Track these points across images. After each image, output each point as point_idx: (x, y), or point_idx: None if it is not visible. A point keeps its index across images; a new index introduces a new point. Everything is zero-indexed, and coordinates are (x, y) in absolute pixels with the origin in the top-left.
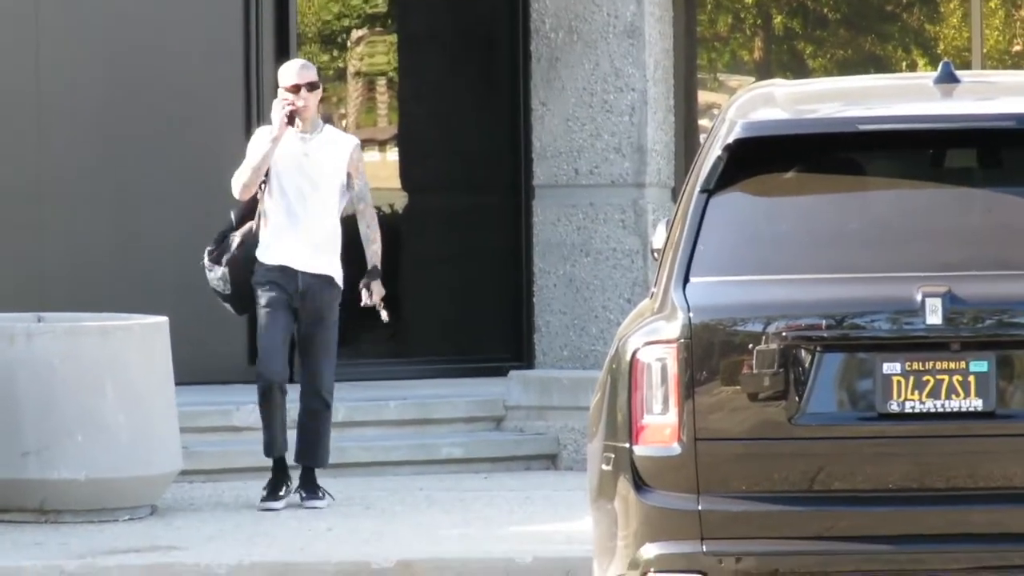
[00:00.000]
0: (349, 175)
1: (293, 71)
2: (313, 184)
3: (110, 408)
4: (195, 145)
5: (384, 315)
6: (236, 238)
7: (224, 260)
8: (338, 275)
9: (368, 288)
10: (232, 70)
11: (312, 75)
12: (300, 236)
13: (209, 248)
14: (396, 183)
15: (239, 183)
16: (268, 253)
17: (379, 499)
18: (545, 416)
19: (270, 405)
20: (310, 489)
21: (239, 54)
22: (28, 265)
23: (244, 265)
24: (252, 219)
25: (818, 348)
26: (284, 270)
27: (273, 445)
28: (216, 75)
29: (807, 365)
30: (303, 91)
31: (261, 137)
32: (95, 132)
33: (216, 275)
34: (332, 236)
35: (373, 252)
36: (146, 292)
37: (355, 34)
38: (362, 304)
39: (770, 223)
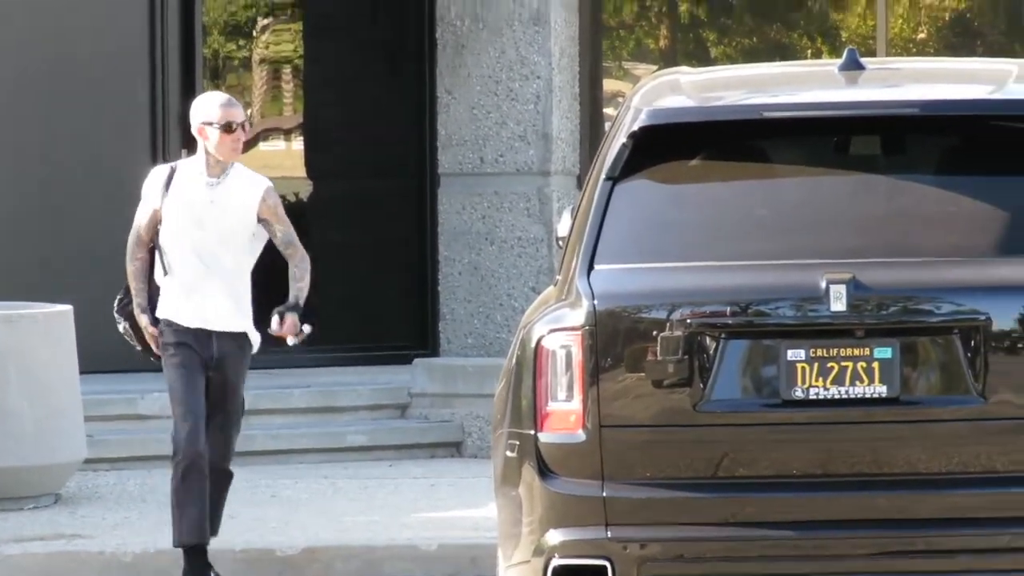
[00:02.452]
0: (266, 221)
1: (219, 107)
2: (221, 236)
3: (14, 397)
4: (100, 133)
5: (291, 341)
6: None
7: (127, 312)
8: (253, 334)
9: (281, 316)
10: (138, 61)
11: (242, 113)
12: (211, 294)
13: (119, 297)
14: (301, 171)
15: (129, 262)
16: (176, 313)
17: (284, 487)
18: (450, 404)
19: (197, 485)
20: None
21: (144, 43)
22: None
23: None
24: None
25: (722, 335)
26: (197, 333)
27: (199, 530)
28: (122, 65)
29: (711, 352)
30: (237, 130)
31: (152, 188)
32: (4, 116)
33: (121, 328)
34: (245, 292)
35: (298, 289)
36: (50, 281)
37: (260, 22)
38: (270, 330)
39: (675, 210)
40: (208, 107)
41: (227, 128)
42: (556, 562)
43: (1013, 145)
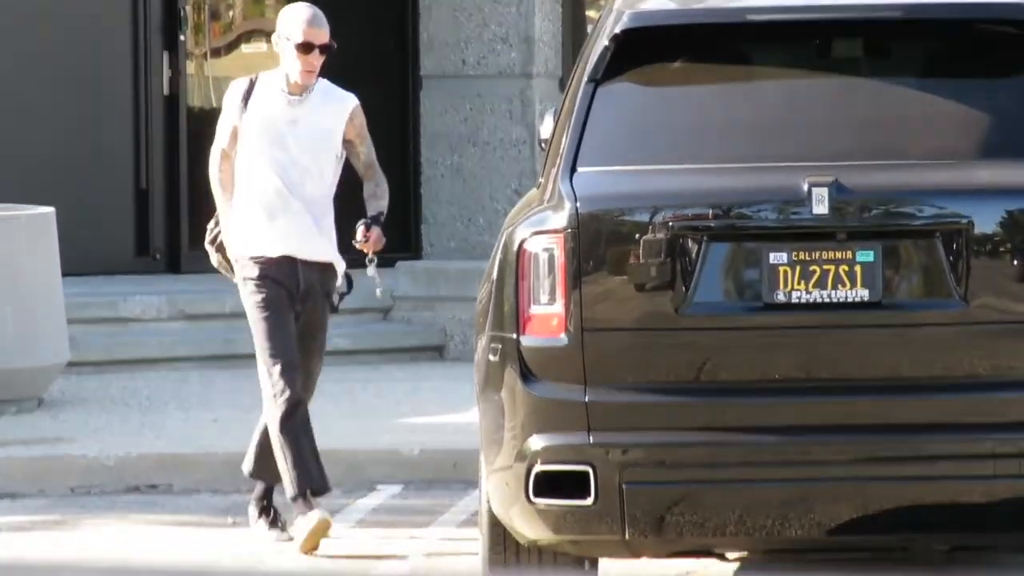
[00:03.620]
0: (351, 142)
1: (303, 23)
2: (304, 157)
3: None
4: (79, 35)
5: (372, 271)
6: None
7: (217, 243)
8: (340, 264)
9: (368, 228)
10: None
11: (326, 34)
12: (295, 220)
13: (209, 226)
14: None
15: (211, 179)
16: (257, 243)
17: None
18: (432, 307)
19: (302, 429)
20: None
21: None
22: None
23: None
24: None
25: (705, 238)
26: (280, 263)
27: (309, 477)
28: None
29: (694, 255)
30: (314, 52)
31: (230, 101)
32: None
33: (214, 261)
34: (329, 218)
35: (380, 206)
36: (33, 183)
37: None
38: (355, 241)
39: (657, 113)
40: (292, 21)
41: (305, 48)
42: (538, 468)
43: (995, 49)
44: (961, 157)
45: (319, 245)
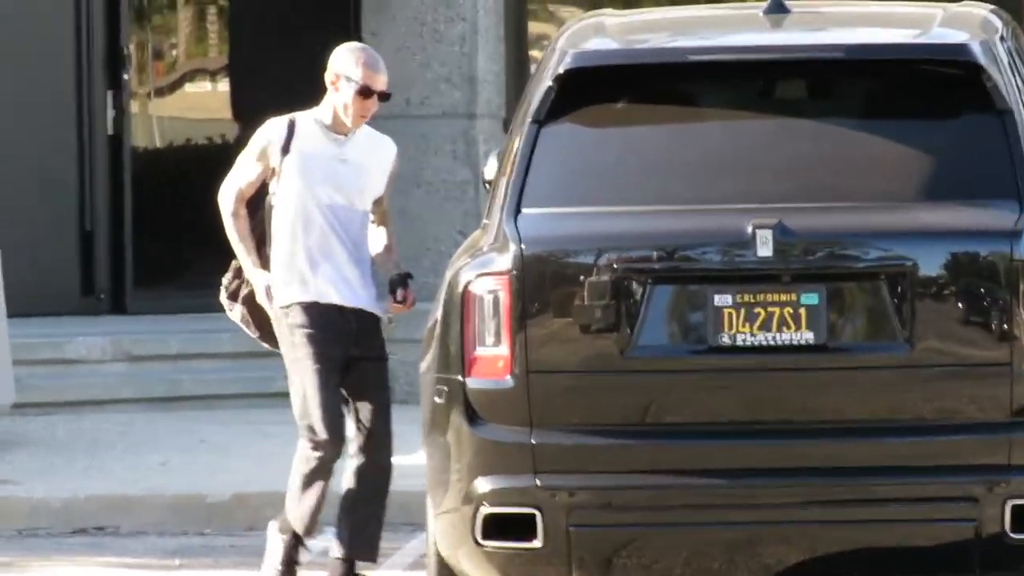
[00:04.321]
0: (386, 184)
1: (367, 67)
2: (352, 198)
3: None
4: (25, 76)
5: (388, 320)
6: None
7: (241, 297)
8: (383, 312)
9: (406, 288)
10: (63, 2)
11: (386, 81)
12: (345, 264)
13: (225, 281)
14: (227, 112)
15: (224, 219)
16: (303, 287)
17: (213, 432)
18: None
19: (325, 482)
20: None
21: None
22: None
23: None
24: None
25: (649, 280)
26: (327, 311)
27: (314, 527)
28: (47, 7)
29: (638, 297)
30: (373, 98)
31: (269, 142)
32: None
33: (236, 315)
34: (368, 263)
35: (398, 258)
36: None
37: None
38: (394, 303)
39: (601, 154)
40: (353, 63)
41: (365, 92)
42: (485, 510)
43: (938, 89)
44: (905, 199)
45: (365, 292)
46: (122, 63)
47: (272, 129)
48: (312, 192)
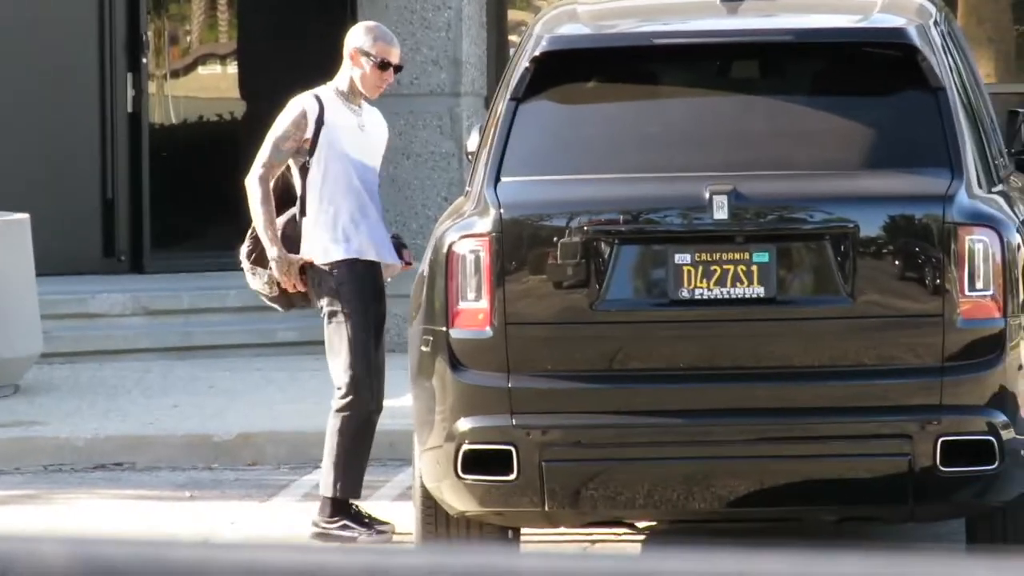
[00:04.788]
0: None
1: (384, 42)
2: (373, 161)
3: None
4: (52, 53)
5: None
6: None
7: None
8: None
9: (406, 250)
10: None
11: (399, 55)
12: (376, 224)
13: (247, 248)
14: (236, 93)
15: (252, 199)
16: (350, 246)
17: (221, 379)
18: None
19: (368, 441)
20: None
21: None
22: None
23: None
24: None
25: (616, 241)
26: (368, 268)
27: (359, 487)
28: (71, 2)
29: (606, 256)
30: (390, 71)
31: (302, 116)
32: None
33: (262, 279)
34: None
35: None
36: (7, 191)
37: None
38: (403, 266)
39: (573, 128)
40: (372, 39)
41: (384, 66)
42: (466, 447)
43: (877, 69)
44: (848, 167)
45: (392, 252)
46: (141, 48)
47: (305, 104)
48: (348, 158)
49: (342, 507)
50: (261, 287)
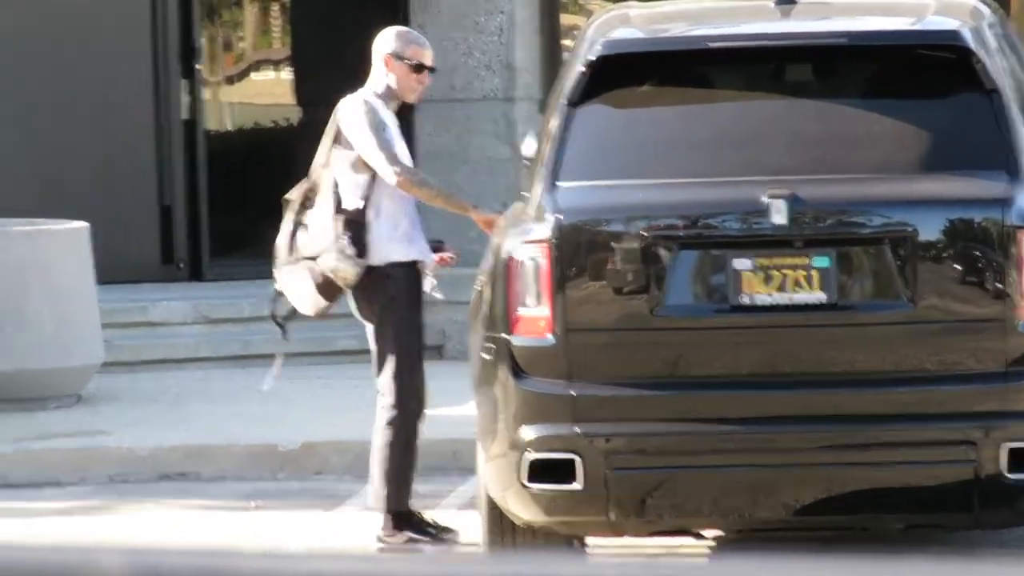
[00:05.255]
0: None
1: (419, 46)
2: (410, 164)
3: (37, 306)
4: (108, 65)
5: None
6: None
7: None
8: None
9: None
10: (138, 3)
11: (432, 57)
12: (420, 226)
13: (350, 236)
14: (290, 99)
15: (417, 185)
16: (411, 248)
17: (282, 387)
18: (431, 310)
19: (415, 451)
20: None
21: None
22: None
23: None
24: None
25: (675, 246)
26: (419, 269)
27: (404, 499)
28: (124, 5)
29: (666, 262)
30: (425, 72)
31: (381, 116)
32: (17, 52)
33: (358, 270)
34: None
35: None
36: (65, 200)
37: None
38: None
39: (629, 132)
40: (402, 41)
41: (420, 68)
42: (530, 456)
43: (932, 71)
44: (905, 170)
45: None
46: (195, 55)
47: (371, 103)
48: (404, 159)
49: (404, 519)
50: (353, 275)
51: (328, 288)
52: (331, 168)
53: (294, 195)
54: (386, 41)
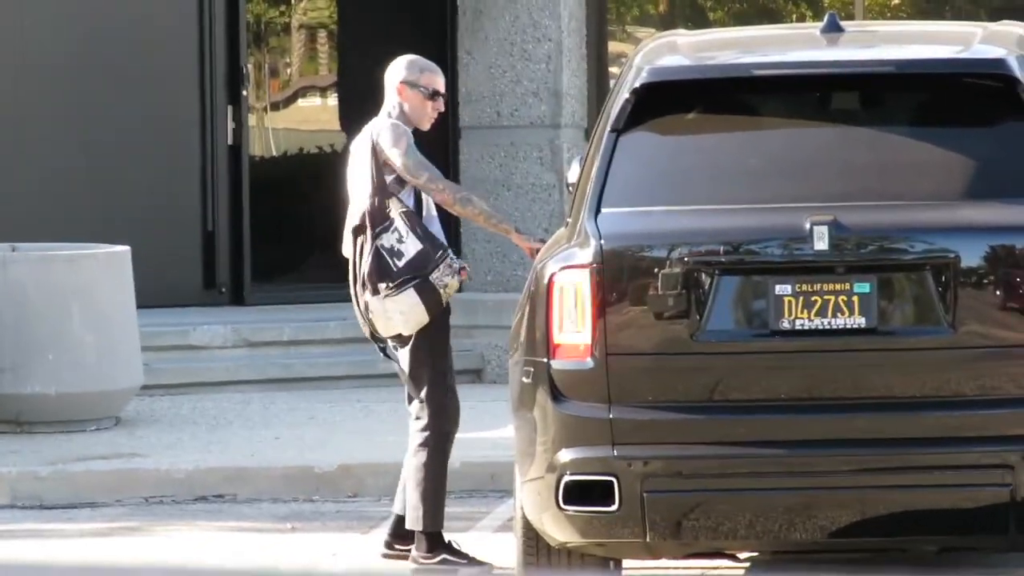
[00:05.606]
0: None
1: (433, 73)
2: None
3: (78, 329)
4: (154, 92)
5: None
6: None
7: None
8: None
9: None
10: (187, 26)
11: (443, 84)
12: None
13: (452, 255)
14: (336, 125)
15: (461, 202)
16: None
17: (321, 410)
18: (471, 335)
19: (446, 464)
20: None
21: (193, 10)
22: (3, 199)
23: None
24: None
25: (717, 271)
26: None
27: (439, 518)
28: (172, 30)
29: (707, 287)
30: (439, 99)
31: (409, 143)
32: (66, 77)
33: (453, 282)
34: None
35: None
36: (110, 224)
37: None
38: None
39: (673, 159)
40: (415, 69)
41: (432, 95)
42: (567, 478)
43: (977, 99)
44: (948, 198)
45: None
46: (241, 81)
47: (401, 124)
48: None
49: (439, 540)
50: (457, 284)
51: (435, 305)
52: (388, 189)
53: (356, 222)
54: (398, 69)
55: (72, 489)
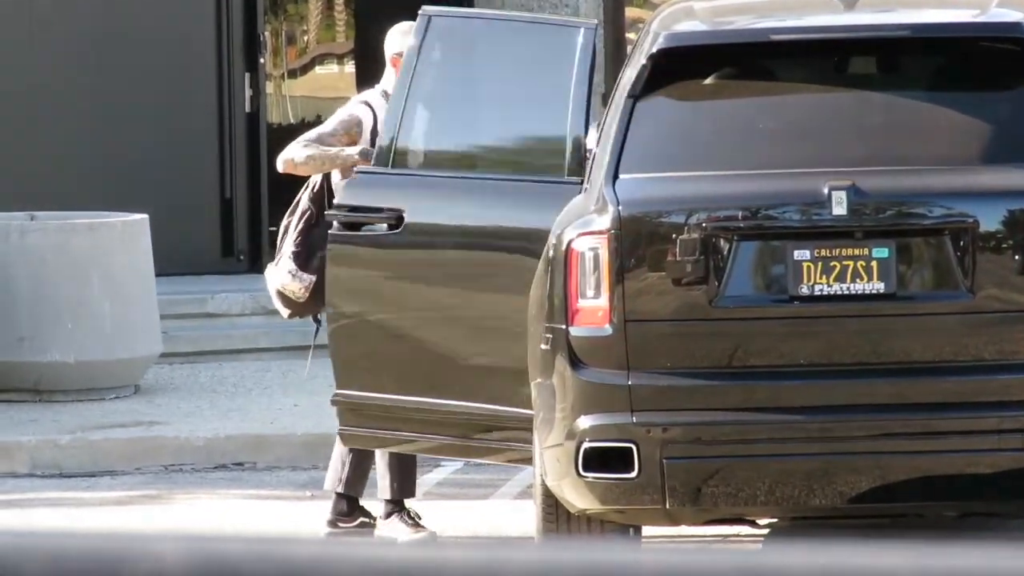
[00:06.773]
0: None
1: None
2: None
3: (96, 297)
4: (174, 61)
5: None
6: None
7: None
8: None
9: None
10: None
11: None
12: None
13: (293, 248)
14: (353, 92)
15: (300, 157)
16: None
17: None
18: None
19: None
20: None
21: None
22: (22, 168)
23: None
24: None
25: (735, 237)
26: None
27: (411, 488)
28: (190, 4)
29: (725, 253)
30: None
31: (339, 122)
32: (83, 46)
33: (303, 283)
34: None
35: None
36: (128, 192)
37: None
38: None
39: (691, 125)
40: (405, 39)
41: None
42: (587, 445)
43: (994, 63)
44: (967, 162)
45: None
46: (258, 48)
47: (359, 113)
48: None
49: (355, 504)
50: (297, 289)
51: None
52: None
53: None
54: (394, 40)
55: (91, 457)
